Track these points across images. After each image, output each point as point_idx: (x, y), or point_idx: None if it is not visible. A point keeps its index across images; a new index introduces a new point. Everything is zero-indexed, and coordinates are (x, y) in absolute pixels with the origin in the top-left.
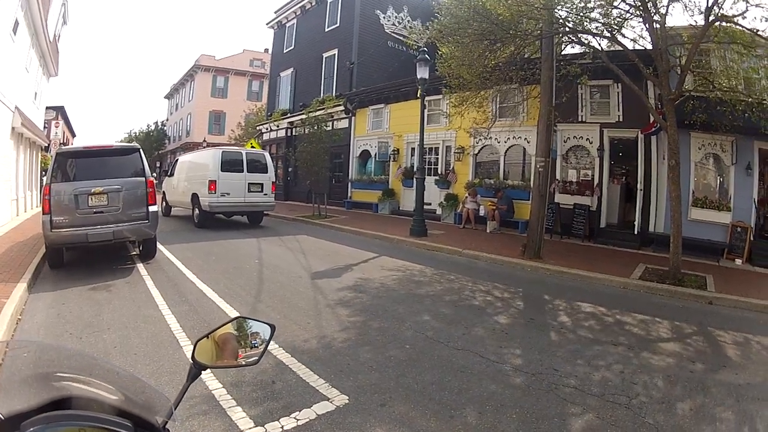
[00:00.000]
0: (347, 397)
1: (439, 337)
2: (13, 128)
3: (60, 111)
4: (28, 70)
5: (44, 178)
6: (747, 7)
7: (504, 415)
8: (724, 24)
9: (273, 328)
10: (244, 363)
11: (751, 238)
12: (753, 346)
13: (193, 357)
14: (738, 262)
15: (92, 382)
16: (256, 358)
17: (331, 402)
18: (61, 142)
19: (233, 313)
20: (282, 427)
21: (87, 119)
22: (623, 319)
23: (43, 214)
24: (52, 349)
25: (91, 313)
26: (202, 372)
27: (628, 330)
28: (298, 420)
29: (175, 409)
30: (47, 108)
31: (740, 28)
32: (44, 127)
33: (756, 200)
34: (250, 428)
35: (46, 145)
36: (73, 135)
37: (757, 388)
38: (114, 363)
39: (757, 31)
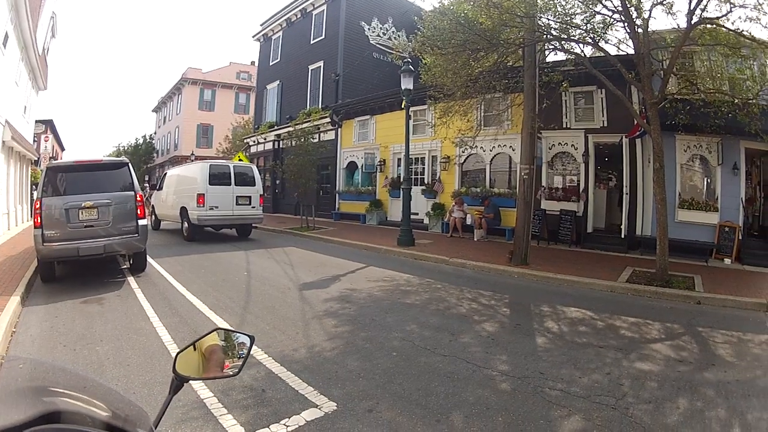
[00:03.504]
0: (335, 404)
1: (426, 344)
2: (3, 142)
3: (49, 124)
4: (18, 83)
5: (35, 193)
6: (731, 8)
7: (490, 418)
8: (708, 26)
9: (252, 338)
10: (231, 373)
11: (740, 238)
12: (742, 344)
13: (174, 369)
14: (727, 261)
15: (81, 397)
16: (238, 369)
17: (319, 408)
18: (51, 155)
19: (223, 324)
20: None
21: (76, 133)
22: (610, 322)
23: (35, 228)
24: (44, 366)
25: (83, 326)
26: (184, 384)
27: (615, 333)
28: (287, 426)
29: (157, 424)
30: (36, 122)
31: (724, 29)
32: (34, 141)
33: (743, 200)
34: None
35: (36, 158)
36: (62, 149)
37: (746, 385)
38: (106, 379)
39: (741, 31)
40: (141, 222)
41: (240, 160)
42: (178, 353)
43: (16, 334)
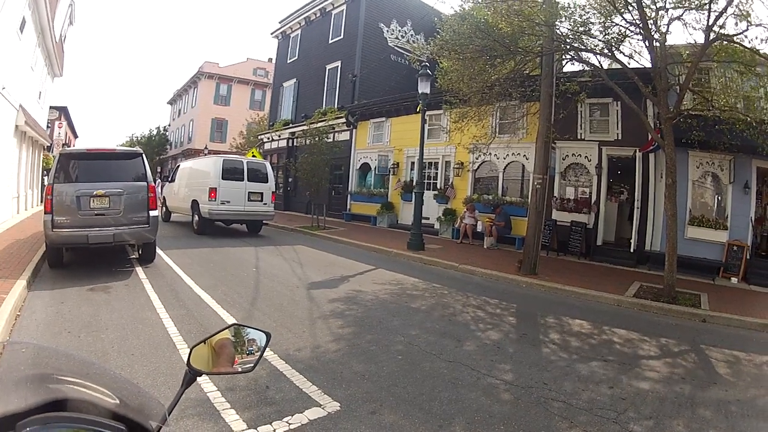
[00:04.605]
0: (339, 404)
1: (431, 349)
2: (16, 126)
3: (63, 111)
4: (34, 69)
5: (46, 178)
6: (748, 26)
7: (492, 426)
8: (724, 43)
9: (269, 336)
10: (240, 369)
11: (747, 257)
12: (744, 364)
13: (188, 363)
14: (734, 280)
15: (88, 385)
16: (251, 365)
17: (323, 408)
18: (64, 142)
19: (230, 319)
20: (274, 430)
21: (89, 121)
22: (615, 336)
23: (45, 213)
24: (48, 351)
25: (89, 313)
26: (197, 378)
27: (619, 347)
28: (290, 424)
29: (169, 414)
30: (51, 108)
31: (740, 46)
32: (47, 127)
33: (753, 219)
34: (242, 430)
35: (49, 144)
36: (75, 136)
37: (747, 405)
38: (110, 367)
39: (758, 50)
40: (152, 213)
41: (254, 156)
42: (193, 347)
43: (20, 317)
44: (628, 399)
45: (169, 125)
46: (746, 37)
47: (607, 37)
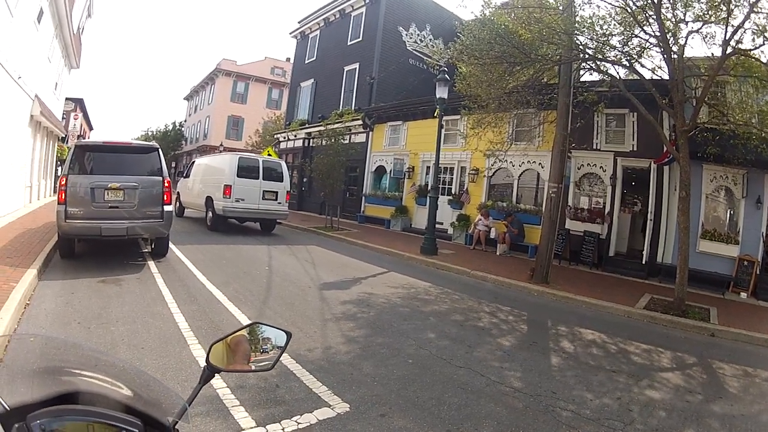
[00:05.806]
0: (348, 406)
1: (441, 354)
2: (31, 116)
3: (79, 103)
4: (50, 60)
5: (59, 168)
6: (765, 41)
7: None
8: (741, 57)
9: (289, 335)
10: (254, 368)
11: (758, 272)
12: (751, 379)
13: (207, 360)
14: (743, 295)
15: (100, 377)
16: (269, 363)
17: (332, 409)
18: (79, 134)
19: (241, 316)
20: (283, 429)
21: (105, 113)
22: (625, 348)
23: (59, 203)
24: (58, 342)
25: (99, 305)
26: (215, 375)
27: (628, 358)
28: (299, 423)
29: (189, 406)
30: (67, 99)
31: (757, 61)
32: (62, 118)
33: (764, 234)
34: (251, 428)
35: (64, 135)
36: (90, 128)
37: (752, 420)
38: (122, 358)
39: None
40: (166, 208)
41: (269, 155)
42: (212, 344)
43: (30, 306)
44: (636, 410)
45: (185, 121)
46: (763, 52)
47: (626, 48)
